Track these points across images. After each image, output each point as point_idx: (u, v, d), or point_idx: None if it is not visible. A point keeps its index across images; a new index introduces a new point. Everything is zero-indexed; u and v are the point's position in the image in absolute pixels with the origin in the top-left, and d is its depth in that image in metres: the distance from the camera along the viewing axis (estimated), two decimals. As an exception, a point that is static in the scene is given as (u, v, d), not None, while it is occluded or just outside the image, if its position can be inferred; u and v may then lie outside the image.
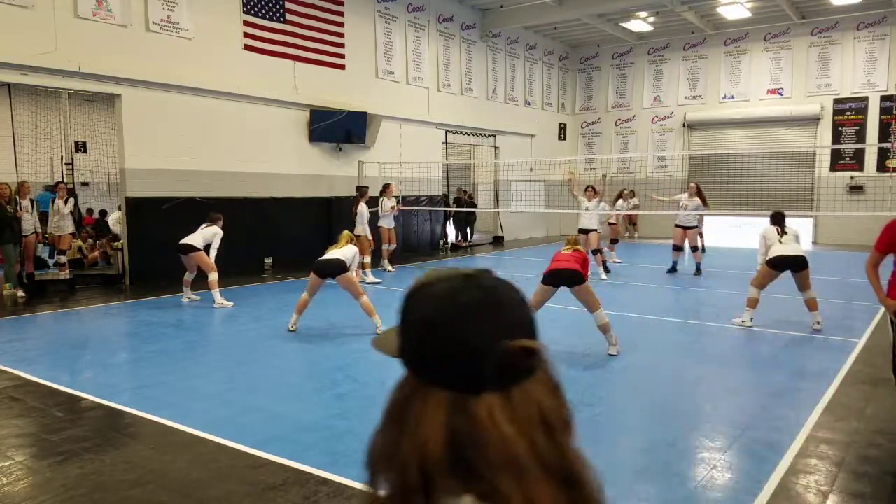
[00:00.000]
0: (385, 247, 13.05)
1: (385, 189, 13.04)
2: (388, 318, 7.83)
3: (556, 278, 6.50)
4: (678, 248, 12.35)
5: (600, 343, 6.81)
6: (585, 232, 11.82)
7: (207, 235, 9.35)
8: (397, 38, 16.19)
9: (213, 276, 9.22)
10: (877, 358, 6.34)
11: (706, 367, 6.07)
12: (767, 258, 7.61)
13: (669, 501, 3.41)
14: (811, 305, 7.58)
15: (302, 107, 13.86)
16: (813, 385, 5.45)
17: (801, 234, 7.94)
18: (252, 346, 6.93)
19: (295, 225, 13.60)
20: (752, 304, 7.76)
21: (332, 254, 7.58)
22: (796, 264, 7.44)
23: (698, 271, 12.10)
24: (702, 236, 16.26)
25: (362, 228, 11.79)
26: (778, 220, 7.90)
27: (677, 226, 12.37)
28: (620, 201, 15.10)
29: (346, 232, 8.01)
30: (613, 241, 14.63)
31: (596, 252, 11.88)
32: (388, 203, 12.92)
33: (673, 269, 12.28)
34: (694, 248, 12.26)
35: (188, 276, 9.51)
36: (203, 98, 12.01)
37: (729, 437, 4.32)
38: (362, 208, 11.93)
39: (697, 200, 12.17)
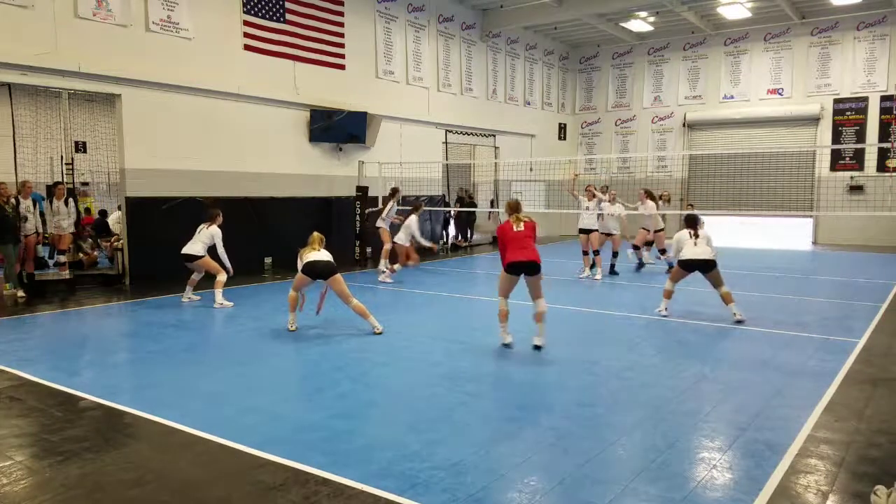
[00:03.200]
0: (387, 247, 13.02)
1: (395, 192, 12.97)
2: (388, 318, 7.83)
3: (520, 268, 6.55)
4: (638, 248, 13.34)
5: (599, 343, 6.81)
6: (587, 232, 11.87)
7: (206, 239, 9.34)
8: (397, 38, 16.20)
9: (222, 277, 9.29)
10: (877, 358, 6.34)
11: (706, 367, 6.06)
12: (679, 259, 8.33)
13: (669, 501, 3.41)
14: (727, 298, 8.09)
15: (302, 107, 13.86)
16: (813, 385, 5.45)
17: (712, 238, 8.47)
18: (252, 346, 6.93)
19: (295, 225, 13.57)
20: (668, 295, 8.57)
21: (317, 255, 7.49)
22: (705, 266, 8.11)
23: (640, 266, 13.16)
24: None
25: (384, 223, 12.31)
26: (691, 223, 8.48)
27: (643, 228, 13.28)
28: (661, 203, 14.63)
29: (316, 234, 7.80)
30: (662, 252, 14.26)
31: (596, 252, 11.90)
32: (395, 208, 12.82)
33: (640, 265, 13.27)
34: (648, 244, 13.35)
35: (195, 276, 9.58)
36: (203, 98, 12.01)
37: (729, 437, 4.32)
38: (392, 206, 12.44)
39: (651, 204, 13.02)
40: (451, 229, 18.55)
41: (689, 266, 8.19)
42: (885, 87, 18.09)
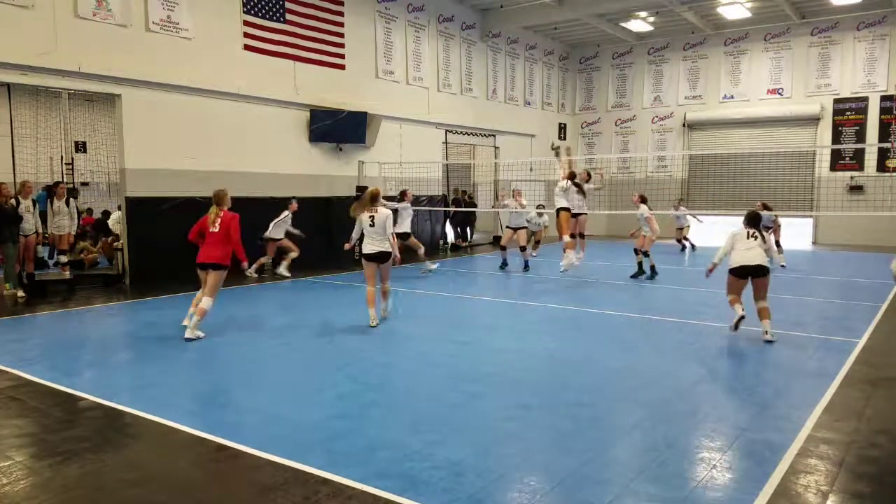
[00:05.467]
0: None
1: (404, 194, 12.84)
2: (388, 318, 7.83)
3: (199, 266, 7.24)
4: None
5: (600, 344, 6.80)
6: (576, 216, 11.43)
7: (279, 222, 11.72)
8: (397, 38, 16.20)
9: (265, 259, 11.84)
10: (877, 358, 6.34)
11: (706, 367, 6.06)
12: (730, 266, 7.11)
13: (669, 501, 3.41)
14: (763, 314, 7.03)
15: (302, 107, 13.86)
16: (813, 385, 5.45)
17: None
18: (252, 346, 6.93)
19: (295, 225, 13.58)
20: (735, 302, 7.13)
21: (369, 246, 7.88)
22: (757, 272, 6.98)
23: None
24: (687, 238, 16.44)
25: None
26: (754, 222, 7.22)
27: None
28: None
29: (368, 192, 8.06)
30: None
31: (581, 235, 11.77)
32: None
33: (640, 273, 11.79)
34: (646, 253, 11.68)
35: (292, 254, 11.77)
36: (203, 98, 12.01)
37: (729, 437, 4.32)
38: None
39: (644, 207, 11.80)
40: (448, 229, 18.54)
41: (740, 273, 7.03)
42: (885, 87, 18.09)
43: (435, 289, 10.91)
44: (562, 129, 23.06)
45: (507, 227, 13.34)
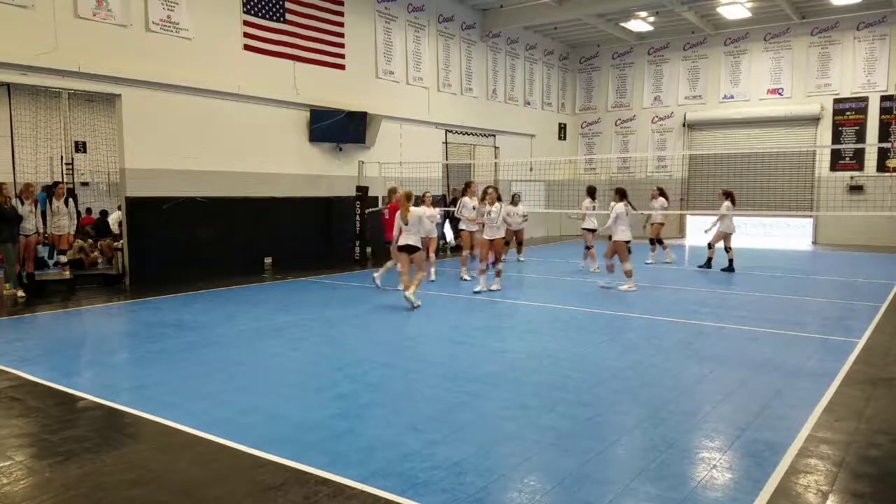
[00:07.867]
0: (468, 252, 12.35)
1: (468, 187, 12.93)
2: (388, 318, 7.81)
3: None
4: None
5: (598, 344, 6.80)
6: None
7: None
8: (397, 38, 16.20)
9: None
10: (877, 358, 6.34)
11: (706, 367, 6.06)
12: (625, 239, 10.26)
13: (669, 501, 3.41)
14: (629, 274, 10.22)
15: (302, 107, 13.86)
16: (813, 385, 5.45)
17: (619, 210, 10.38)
18: (252, 346, 6.93)
19: (295, 225, 13.61)
20: (612, 269, 10.67)
21: (404, 237, 8.92)
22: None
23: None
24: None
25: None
26: (624, 195, 10.56)
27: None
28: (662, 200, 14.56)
29: (403, 194, 9.21)
30: (658, 242, 14.29)
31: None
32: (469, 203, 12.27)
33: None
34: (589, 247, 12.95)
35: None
36: (203, 98, 12.01)
37: (729, 437, 4.32)
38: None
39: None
40: (448, 230, 18.52)
41: (627, 242, 10.44)
42: (885, 87, 18.10)
43: (435, 289, 10.90)
44: (562, 128, 23.07)
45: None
